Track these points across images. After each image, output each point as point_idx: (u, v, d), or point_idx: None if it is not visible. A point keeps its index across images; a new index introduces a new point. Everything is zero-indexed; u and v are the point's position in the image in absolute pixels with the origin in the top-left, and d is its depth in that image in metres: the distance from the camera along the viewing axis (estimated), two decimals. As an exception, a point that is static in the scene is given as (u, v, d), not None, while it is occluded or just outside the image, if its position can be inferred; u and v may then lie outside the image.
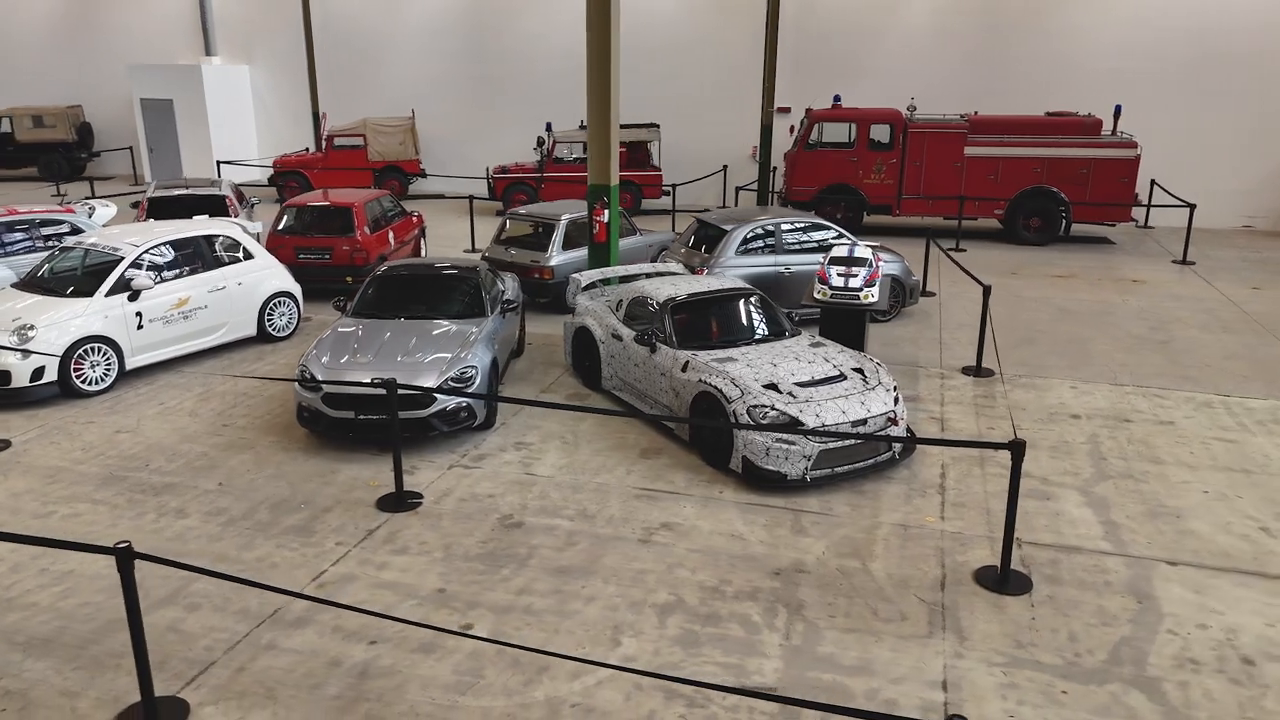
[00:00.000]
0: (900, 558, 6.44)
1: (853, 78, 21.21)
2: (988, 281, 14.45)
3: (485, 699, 4.98)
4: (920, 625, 5.67)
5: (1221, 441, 8.42)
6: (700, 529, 6.83)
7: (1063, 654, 5.39)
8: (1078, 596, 5.97)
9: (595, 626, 5.63)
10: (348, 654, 5.35)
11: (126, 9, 26.47)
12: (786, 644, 5.48)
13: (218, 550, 6.51)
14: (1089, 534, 6.77)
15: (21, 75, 27.98)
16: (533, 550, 6.51)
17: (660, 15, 22.25)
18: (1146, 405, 9.30)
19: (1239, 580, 6.17)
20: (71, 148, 26.30)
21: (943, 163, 17.65)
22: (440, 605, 5.85)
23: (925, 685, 5.12)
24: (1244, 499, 7.31)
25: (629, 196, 20.64)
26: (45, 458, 8.00)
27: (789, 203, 18.50)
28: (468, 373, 8.12)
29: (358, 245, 12.74)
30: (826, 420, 7.33)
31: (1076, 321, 12.30)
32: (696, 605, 5.87)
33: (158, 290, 9.89)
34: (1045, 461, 7.99)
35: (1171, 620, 5.72)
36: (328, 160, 22.08)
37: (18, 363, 8.91)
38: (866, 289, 9.68)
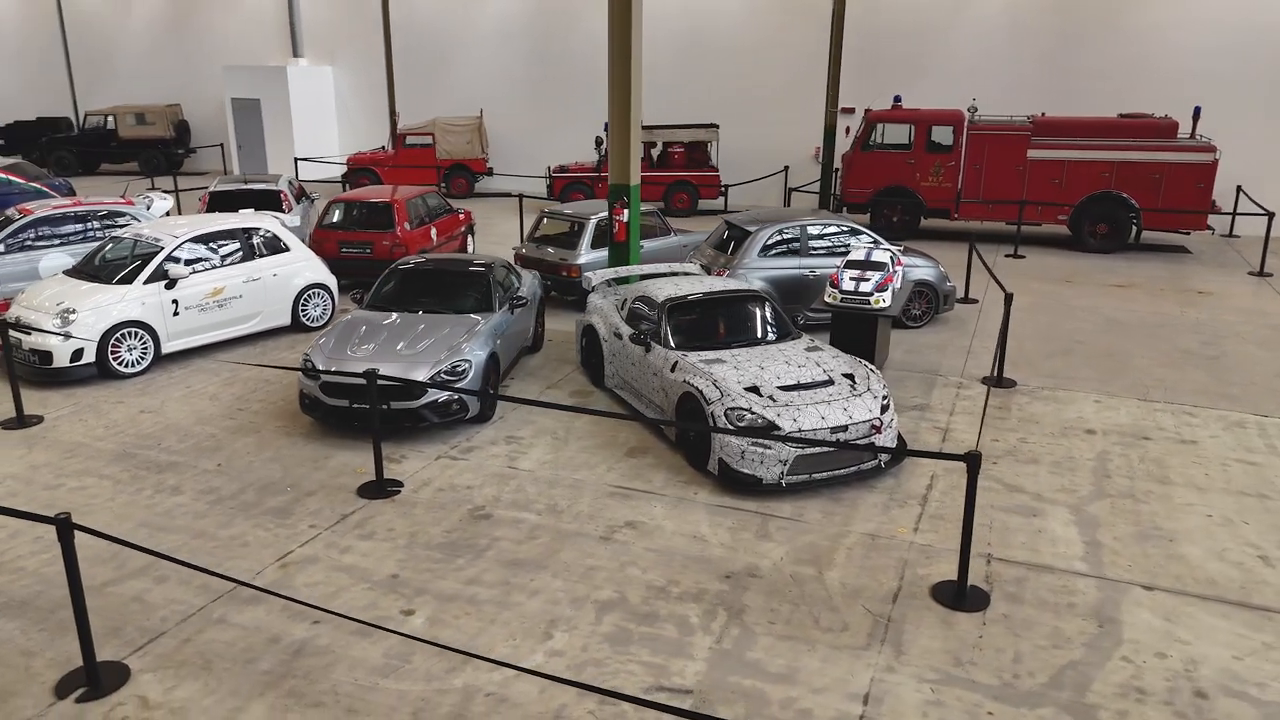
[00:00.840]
0: (859, 568, 6.31)
1: (918, 78, 20.71)
2: (1040, 290, 13.97)
3: (405, 683, 5.11)
4: (860, 637, 5.55)
5: (1243, 464, 7.94)
6: (664, 529, 6.83)
7: (1001, 674, 5.20)
8: (1035, 617, 5.75)
9: (531, 619, 5.70)
10: (289, 632, 5.56)
11: (223, 12, 27.82)
12: (717, 647, 5.44)
13: (198, 526, 6.83)
14: (1067, 553, 6.49)
15: (126, 75, 29.71)
16: (493, 542, 6.63)
17: (726, 16, 22.17)
18: (1172, 423, 8.84)
19: (1219, 610, 5.83)
20: (169, 144, 27.79)
21: (1004, 166, 17.07)
22: (389, 590, 6.02)
23: (846, 697, 5.02)
24: (1250, 525, 6.89)
25: (686, 196, 20.65)
26: (70, 433, 8.52)
27: (844, 205, 18.19)
28: (460, 366, 8.29)
29: (397, 240, 13.12)
30: (804, 426, 7.22)
31: (1122, 333, 11.75)
32: (638, 604, 5.88)
33: (193, 279, 10.41)
34: (1043, 477, 7.69)
35: (1130, 647, 5.45)
36: (398, 158, 22.75)
37: (59, 344, 9.50)
38: (878, 294, 9.49)
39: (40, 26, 30.81)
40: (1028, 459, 8.03)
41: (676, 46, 22.75)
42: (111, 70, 29.98)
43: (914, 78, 20.76)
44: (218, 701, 4.95)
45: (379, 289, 9.69)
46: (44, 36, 30.86)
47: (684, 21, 22.50)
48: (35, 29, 30.89)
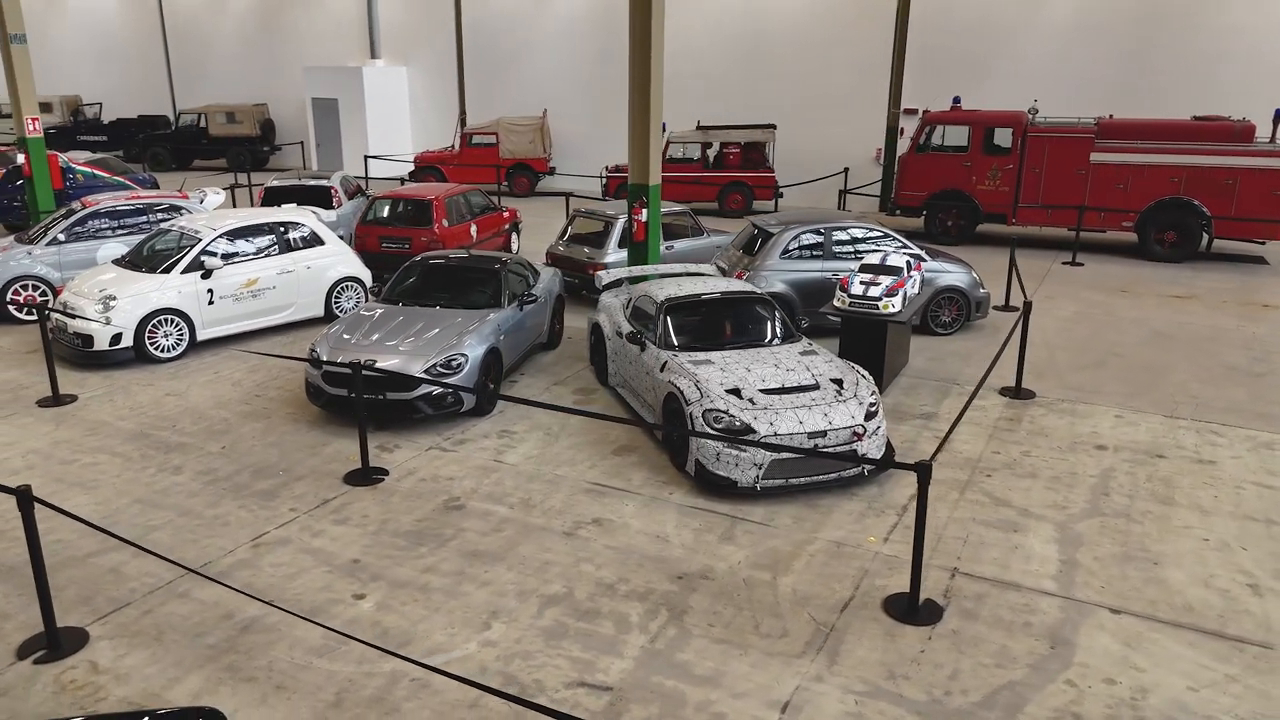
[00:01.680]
0: (816, 575, 6.21)
1: (984, 79, 20.11)
2: (1089, 299, 13.44)
3: (338, 664, 5.27)
4: (797, 644, 5.47)
5: (1260, 487, 7.50)
6: (629, 527, 6.85)
7: (932, 691, 5.06)
8: (985, 634, 5.56)
9: (475, 609, 5.80)
10: (242, 610, 5.79)
11: (308, 14, 28.90)
12: (649, 647, 5.45)
13: (187, 505, 7.16)
14: (1039, 571, 6.26)
15: (219, 76, 31.14)
16: (459, 532, 6.76)
17: (787, 16, 21.94)
18: (1193, 441, 8.40)
19: (1188, 638, 5.54)
20: (255, 142, 29.00)
21: (1065, 169, 16.44)
22: (347, 574, 6.20)
23: (765, 704, 4.96)
24: (1248, 552, 6.51)
25: (740, 197, 20.53)
26: (97, 413, 9.02)
27: (898, 208, 17.80)
28: (456, 360, 8.47)
29: (435, 236, 13.43)
30: (780, 430, 7.14)
31: (1167, 346, 11.20)
32: (583, 600, 5.92)
33: (228, 270, 10.88)
34: (1037, 492, 7.41)
35: (1077, 670, 5.23)
36: (462, 157, 23.26)
37: (99, 328, 10.06)
38: (887, 299, 9.29)
39: (144, 30, 32.56)
40: (1025, 473, 7.75)
41: (737, 47, 22.63)
42: (206, 71, 31.46)
43: (980, 78, 20.17)
44: (160, 671, 5.20)
45: (395, 283, 9.97)
46: (147, 39, 32.59)
47: (745, 23, 22.36)
48: (140, 32, 32.65)
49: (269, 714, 4.86)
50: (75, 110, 32.59)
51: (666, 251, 13.12)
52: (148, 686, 5.07)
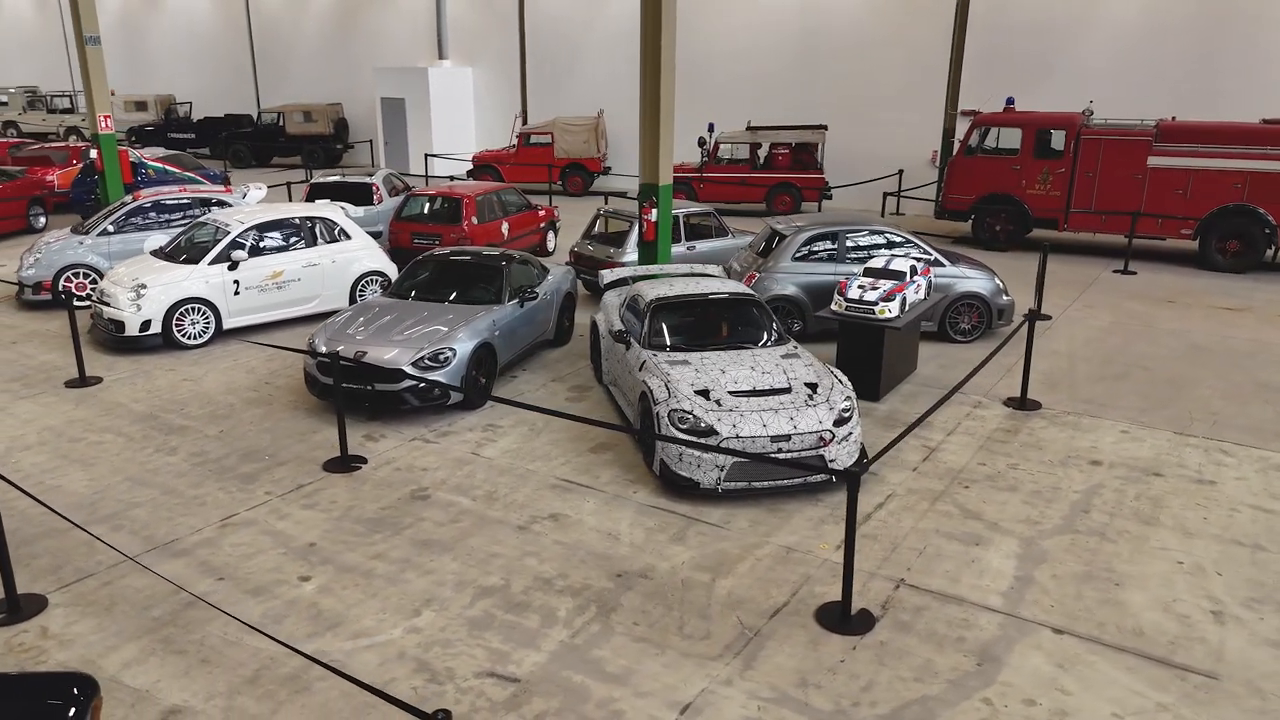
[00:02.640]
0: (757, 579, 6.15)
1: (1045, 79, 19.44)
2: (1131, 309, 12.92)
3: (265, 642, 5.46)
4: (716, 647, 5.44)
5: (1257, 510, 7.10)
6: (584, 524, 6.90)
7: (840, 701, 4.97)
8: (913, 647, 5.43)
9: (410, 597, 5.94)
10: (192, 585, 6.05)
11: (382, 16, 29.74)
12: (568, 641, 5.49)
13: (172, 484, 7.50)
14: (989, 586, 6.06)
15: (299, 75, 32.30)
16: (417, 521, 6.91)
17: (844, 15, 21.60)
18: (1198, 460, 8.00)
19: (1129, 663, 5.30)
20: (329, 140, 30.00)
21: (1120, 174, 15.78)
22: (299, 557, 6.42)
23: (666, 705, 4.95)
24: (1223, 577, 6.18)
25: (789, 199, 20.32)
26: (116, 395, 9.51)
27: (945, 212, 17.36)
28: (443, 354, 8.64)
29: (464, 233, 13.71)
30: (743, 432, 7.09)
31: (1200, 360, 10.67)
32: (517, 592, 6.00)
33: (254, 262, 11.32)
34: (1012, 506, 7.17)
35: (999, 689, 5.07)
36: (518, 156, 23.62)
37: (130, 315, 10.60)
38: (884, 303, 9.11)
39: (233, 31, 34.00)
40: (1006, 486, 7.51)
41: (791, 47, 22.39)
42: (288, 71, 32.68)
43: (1041, 78, 19.51)
44: (101, 639, 5.48)
45: (403, 278, 10.22)
46: (236, 41, 34.03)
47: (801, 21, 22.10)
48: (229, 34, 34.11)
49: (188, 685, 5.08)
50: (168, 109, 34.23)
51: (688, 252, 13.12)
52: (86, 653, 5.35)
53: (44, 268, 12.60)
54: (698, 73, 23.78)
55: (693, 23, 23.64)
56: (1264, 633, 5.57)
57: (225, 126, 32.64)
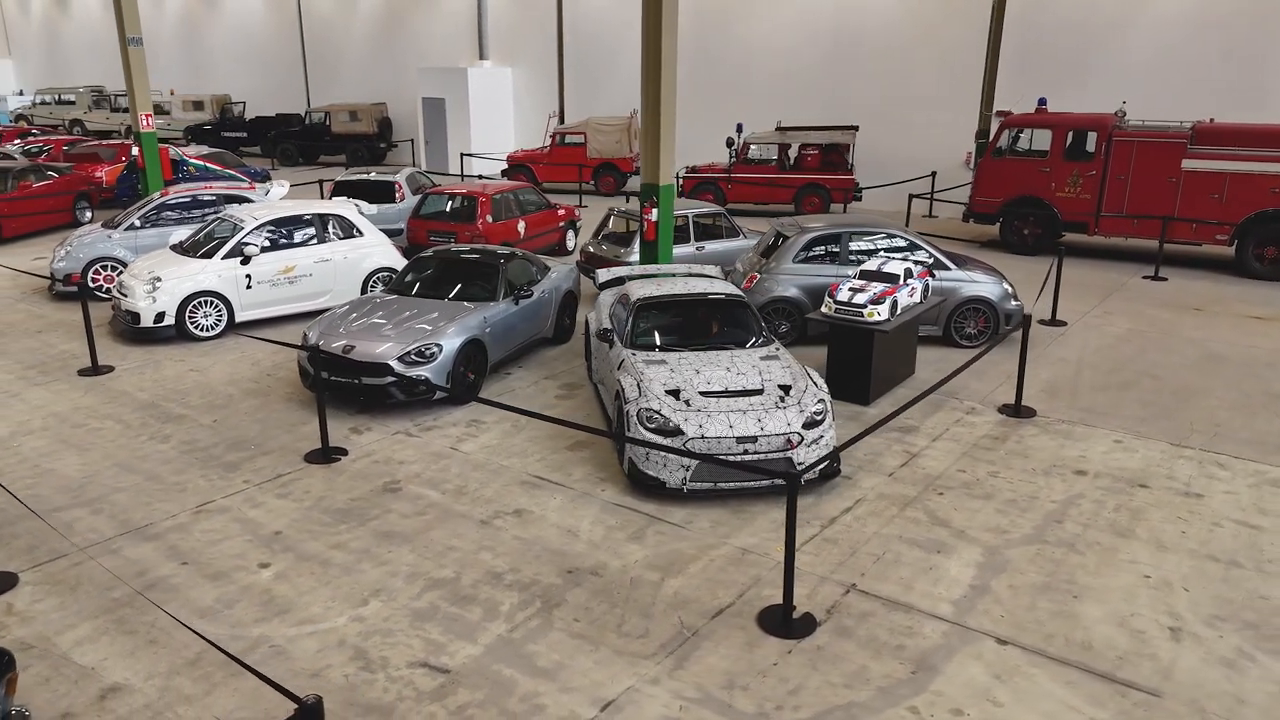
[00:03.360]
0: (707, 580, 6.14)
1: (1085, 79, 18.96)
2: (1152, 316, 12.57)
3: (213, 625, 5.62)
4: (651, 646, 5.45)
5: (1240, 525, 6.86)
6: (546, 520, 6.95)
7: (764, 705, 4.94)
8: (850, 653, 5.37)
9: (361, 586, 6.05)
10: (157, 569, 6.24)
11: (425, 17, 30.19)
12: (505, 635, 5.54)
13: (157, 470, 7.74)
14: (941, 595, 5.97)
15: (347, 75, 32.95)
16: (383, 514, 7.03)
17: (878, 14, 21.32)
18: (1190, 473, 7.75)
19: (1070, 676, 5.17)
20: (373, 139, 30.52)
21: (1154, 177, 15.32)
22: (263, 544, 6.58)
23: (589, 701, 4.98)
24: (1190, 593, 5.99)
25: (818, 200, 20.13)
26: (124, 383, 9.84)
27: (972, 215, 17.04)
28: (429, 349, 8.77)
29: (478, 232, 13.87)
30: (708, 433, 7.07)
31: (1214, 371, 10.32)
32: (466, 585, 6.07)
33: (266, 257, 11.60)
34: (984, 515, 7.04)
35: (928, 698, 4.99)
36: (552, 156, 23.78)
37: (145, 306, 10.95)
38: (872, 306, 9.01)
39: (286, 32, 34.80)
40: (982, 494, 7.37)
41: (824, 46, 22.17)
42: (337, 71, 33.35)
43: (1079, 78, 19.03)
44: (61, 618, 5.69)
45: (402, 274, 10.39)
46: (288, 41, 34.83)
47: (836, 21, 21.87)
48: (282, 35, 34.93)
49: (132, 664, 5.25)
50: (223, 108, 35.20)
51: (696, 252, 13.10)
52: (44, 630, 5.56)
53: (73, 260, 13.07)
54: (735, 73, 23.70)
55: (730, 24, 23.57)
56: (1220, 652, 5.39)
57: (276, 125, 33.43)
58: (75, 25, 43.96)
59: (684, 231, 13.28)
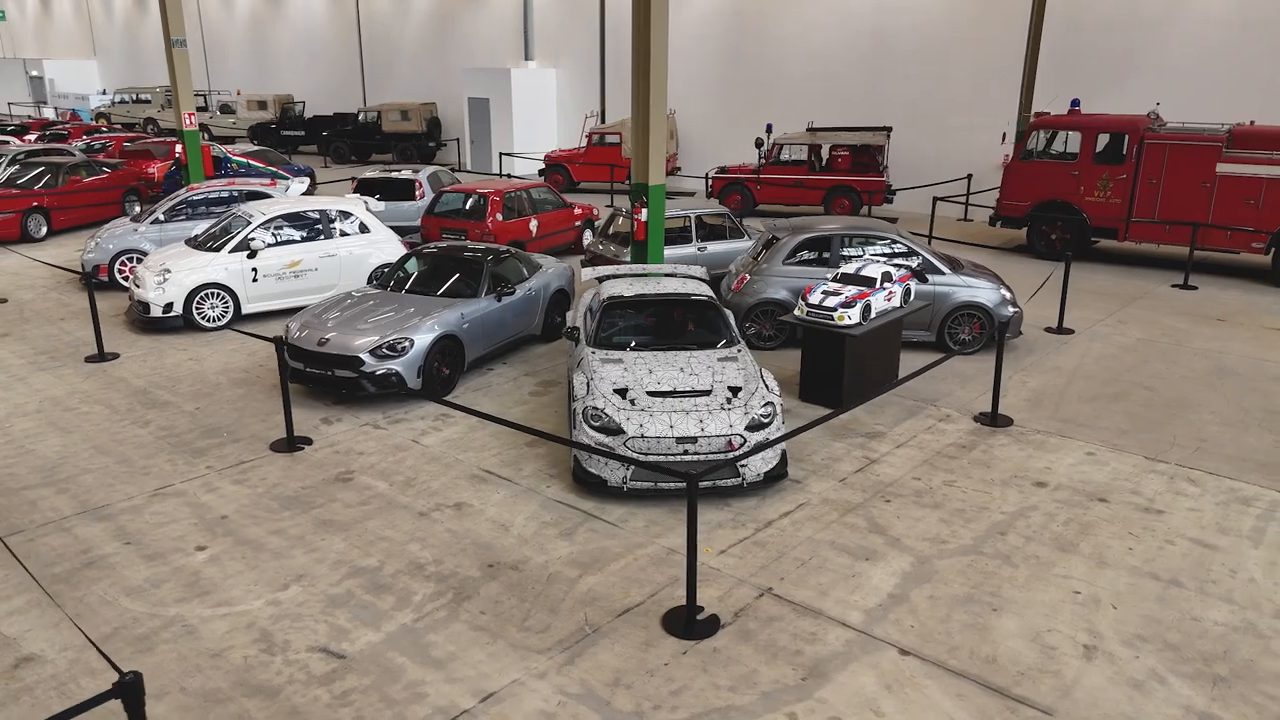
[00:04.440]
0: (624, 579, 6.15)
1: (1127, 79, 18.33)
2: (1167, 326, 12.14)
3: (136, 604, 5.84)
4: (548, 641, 5.49)
5: (1193, 544, 6.59)
6: (483, 514, 7.04)
7: (643, 704, 4.94)
8: (745, 656, 5.33)
9: (285, 572, 6.22)
10: (99, 547, 6.51)
11: (475, 18, 30.66)
12: (408, 624, 5.64)
13: (130, 454, 8.06)
14: (856, 602, 5.87)
15: (401, 76, 33.66)
16: (328, 502, 7.21)
17: (915, 12, 20.93)
18: (1157, 488, 7.47)
19: (962, 689, 5.05)
20: (421, 138, 31.13)
21: (1187, 181, 14.75)
22: (207, 528, 6.80)
23: (470, 692, 5.04)
24: (1117, 611, 5.79)
25: (847, 202, 19.87)
26: (124, 370, 10.25)
27: (999, 219, 16.62)
28: (400, 344, 8.94)
29: (487, 229, 14.07)
30: (648, 432, 7.08)
31: (1217, 383, 9.91)
32: (386, 575, 6.19)
33: (273, 251, 11.96)
34: (926, 523, 6.90)
35: (809, 705, 4.92)
36: (588, 156, 23.95)
37: (155, 297, 11.39)
38: (843, 310, 8.89)
39: (345, 33, 35.72)
40: (930, 503, 7.22)
41: (861, 46, 21.85)
42: (392, 70, 34.11)
43: (1121, 79, 18.41)
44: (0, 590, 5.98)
45: (392, 269, 10.60)
46: (347, 42, 35.74)
47: (873, 20, 21.54)
48: (341, 35, 35.85)
49: (52, 637, 5.50)
50: (284, 108, 36.28)
51: (698, 253, 13.07)
52: (-19, 601, 5.86)
53: (101, 252, 13.65)
54: (771, 72, 23.54)
55: (767, 23, 23.42)
56: (1131, 673, 5.20)
57: (332, 124, 34.34)
58: (153, 27, 45.76)
59: (687, 232, 13.27)
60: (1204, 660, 5.31)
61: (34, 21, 55.86)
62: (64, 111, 45.15)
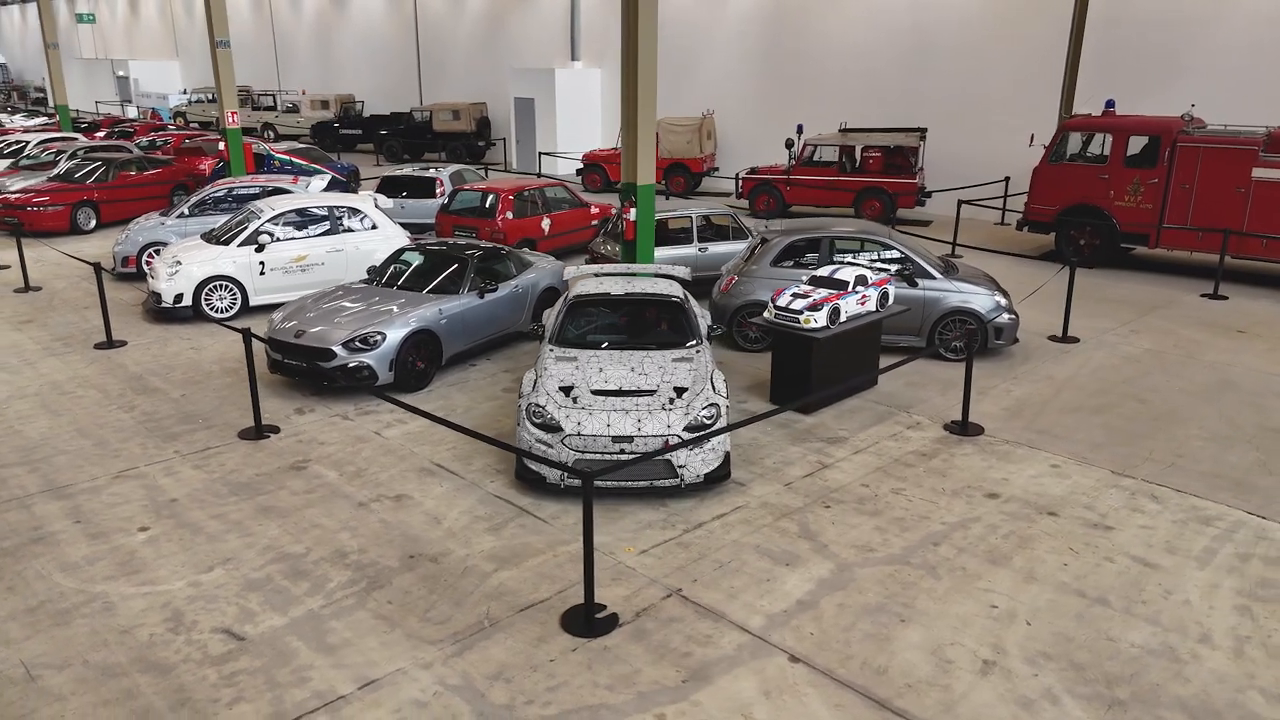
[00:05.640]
0: (538, 576, 6.19)
1: (1174, 79, 17.62)
2: (1182, 336, 11.69)
3: (68, 579, 6.11)
4: (444, 633, 5.57)
5: (1135, 562, 6.34)
6: (422, 506, 7.16)
7: (517, 698, 4.99)
8: (632, 656, 5.32)
9: (214, 555, 6.43)
10: (50, 524, 6.82)
11: (524, 18, 31.02)
12: (314, 610, 5.78)
13: (106, 437, 8.41)
14: (763, 607, 5.81)
15: (455, 76, 34.25)
16: (276, 490, 7.42)
17: (955, 10, 20.46)
18: (1114, 504, 7.20)
19: (843, 699, 4.96)
20: (471, 137, 31.62)
21: (1221, 186, 14.12)
22: (154, 510, 7.07)
23: (353, 678, 5.15)
24: (1031, 627, 5.61)
25: (878, 204, 19.53)
26: (126, 357, 10.69)
27: (1027, 223, 16.15)
28: (372, 337, 9.13)
29: (497, 228, 14.26)
30: (585, 431, 7.11)
31: (1216, 398, 9.48)
32: (308, 562, 6.35)
33: (280, 245, 12.32)
34: (859, 531, 6.77)
35: (680, 708, 4.90)
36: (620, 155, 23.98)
37: (165, 287, 11.85)
38: (809, 313, 8.78)
39: (403, 33, 36.50)
40: (870, 510, 7.09)
41: (900, 44, 21.45)
42: (447, 70, 34.73)
43: (1166, 79, 17.70)
44: (-51, 561, 6.33)
45: (382, 265, 10.82)
46: (405, 42, 36.52)
47: (910, 17, 21.13)
48: (400, 35, 36.65)
49: (-19, 607, 5.79)
50: (344, 107, 37.24)
51: (700, 253, 13.03)
52: (-72, 571, 6.20)
53: (130, 245, 14.25)
54: (811, 70, 23.28)
55: (808, 20, 23.17)
56: (1023, 690, 5.04)
57: (388, 124, 35.11)
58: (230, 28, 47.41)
59: (690, 233, 13.24)
60: (1107, 682, 5.11)
61: (123, 23, 58.47)
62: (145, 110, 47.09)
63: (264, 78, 45.23)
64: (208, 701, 4.95)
